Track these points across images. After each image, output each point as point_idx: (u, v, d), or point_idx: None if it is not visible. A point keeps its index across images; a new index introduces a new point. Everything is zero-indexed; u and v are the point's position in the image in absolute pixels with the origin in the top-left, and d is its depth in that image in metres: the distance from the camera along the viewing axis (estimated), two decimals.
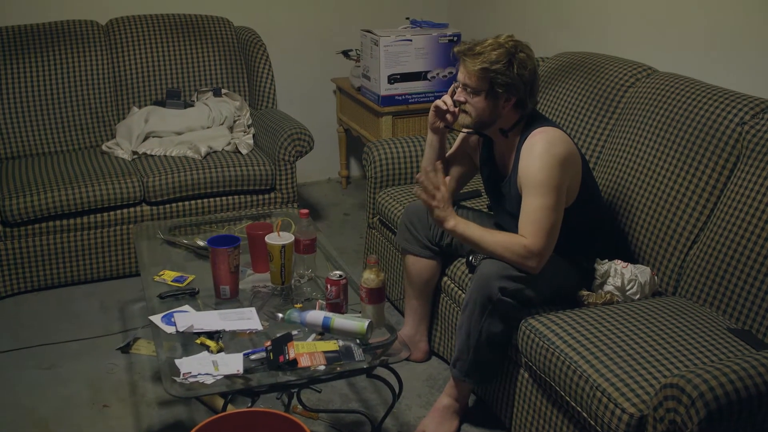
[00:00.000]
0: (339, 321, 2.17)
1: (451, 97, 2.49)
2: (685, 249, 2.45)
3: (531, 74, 2.34)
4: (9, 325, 3.10)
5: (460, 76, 2.39)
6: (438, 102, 2.53)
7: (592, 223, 2.50)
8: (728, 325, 2.22)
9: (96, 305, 3.26)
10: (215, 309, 2.34)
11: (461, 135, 2.67)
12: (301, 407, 2.51)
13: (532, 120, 2.40)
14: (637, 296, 2.42)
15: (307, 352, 2.09)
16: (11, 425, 2.51)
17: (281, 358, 2.05)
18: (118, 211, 3.39)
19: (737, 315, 2.25)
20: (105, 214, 3.37)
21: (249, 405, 2.15)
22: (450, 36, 3.82)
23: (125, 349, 2.91)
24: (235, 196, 3.58)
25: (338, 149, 4.62)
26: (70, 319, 3.16)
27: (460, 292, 2.63)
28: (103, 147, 3.70)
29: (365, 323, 2.15)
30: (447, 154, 2.70)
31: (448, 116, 2.53)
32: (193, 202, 3.51)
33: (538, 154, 2.28)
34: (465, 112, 2.41)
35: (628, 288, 2.41)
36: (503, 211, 2.53)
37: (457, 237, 2.42)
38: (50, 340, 2.99)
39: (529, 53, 2.35)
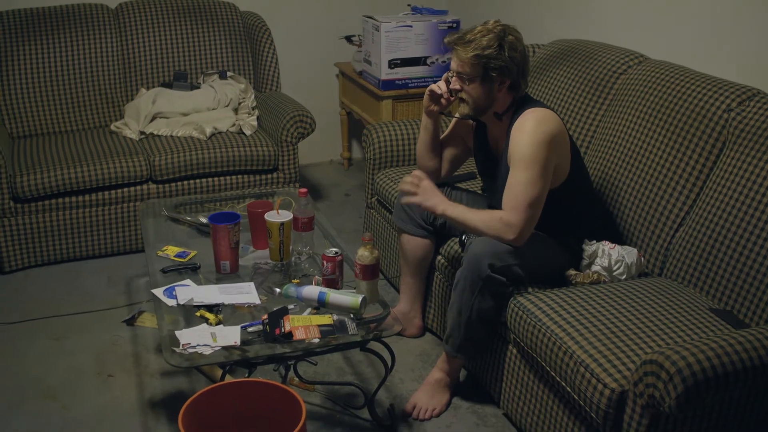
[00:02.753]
0: (334, 296, 2.24)
1: (446, 83, 2.56)
2: (671, 231, 2.51)
3: (522, 56, 2.40)
4: (19, 298, 3.19)
5: (454, 65, 2.45)
6: (433, 86, 2.60)
7: (581, 204, 2.56)
8: (710, 306, 2.28)
9: (103, 279, 3.35)
10: (216, 284, 2.43)
11: (455, 118, 2.73)
12: (297, 379, 2.59)
13: (524, 102, 2.46)
14: (624, 276, 2.48)
15: (302, 326, 2.16)
16: (20, 394, 2.60)
17: (277, 331, 2.13)
18: (126, 189, 3.47)
19: (719, 296, 2.31)
20: (113, 191, 3.45)
21: (246, 375, 2.25)
22: (449, 23, 3.88)
23: (130, 321, 3.00)
24: (239, 176, 3.66)
25: (340, 131, 4.69)
26: (78, 292, 3.24)
27: (453, 270, 2.71)
28: (112, 127, 3.79)
29: (359, 298, 2.22)
30: (441, 137, 2.77)
31: (443, 101, 2.60)
32: (198, 180, 3.59)
33: (528, 131, 2.34)
34: (463, 100, 2.48)
35: (614, 268, 2.48)
36: (496, 192, 2.59)
37: (448, 220, 2.51)
38: (58, 312, 3.08)
39: (518, 36, 2.41)
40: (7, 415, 2.50)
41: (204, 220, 2.77)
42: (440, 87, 2.58)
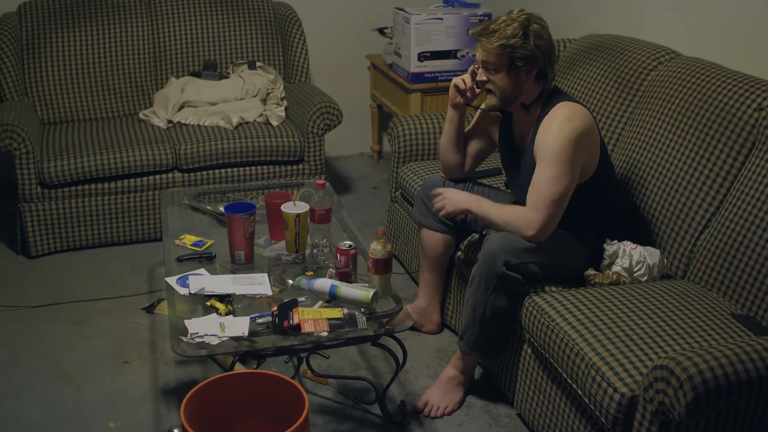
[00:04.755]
0: (345, 290, 2.23)
1: (471, 77, 2.53)
2: (696, 233, 2.44)
3: (547, 44, 2.36)
4: (44, 282, 3.25)
5: (479, 56, 2.42)
6: (456, 80, 2.57)
7: (605, 202, 2.50)
8: (732, 311, 2.22)
9: (126, 266, 3.38)
10: (230, 274, 2.42)
11: (480, 111, 2.69)
12: (310, 372, 2.58)
13: (554, 95, 2.42)
14: (645, 278, 2.42)
15: (312, 319, 2.15)
16: (38, 375, 2.64)
17: (285, 323, 2.12)
18: (152, 177, 3.50)
19: (743, 301, 2.24)
20: (139, 179, 3.49)
21: (255, 366, 2.25)
22: (480, 15, 3.83)
23: (150, 309, 3.03)
24: (264, 167, 3.66)
25: (371, 124, 4.67)
26: (101, 278, 3.28)
27: (473, 266, 2.67)
28: (141, 115, 3.82)
29: (370, 293, 2.20)
30: (466, 130, 2.74)
31: (468, 94, 2.57)
32: (223, 170, 3.60)
33: (557, 126, 2.30)
34: (489, 91, 2.45)
35: (635, 269, 2.42)
36: (519, 186, 2.55)
37: (476, 217, 2.51)
38: (81, 297, 3.12)
39: (543, 24, 2.36)
40: (23, 396, 2.54)
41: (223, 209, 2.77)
42: (465, 81, 2.54)
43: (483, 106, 2.51)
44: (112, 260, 3.43)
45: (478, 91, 2.54)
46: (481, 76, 2.44)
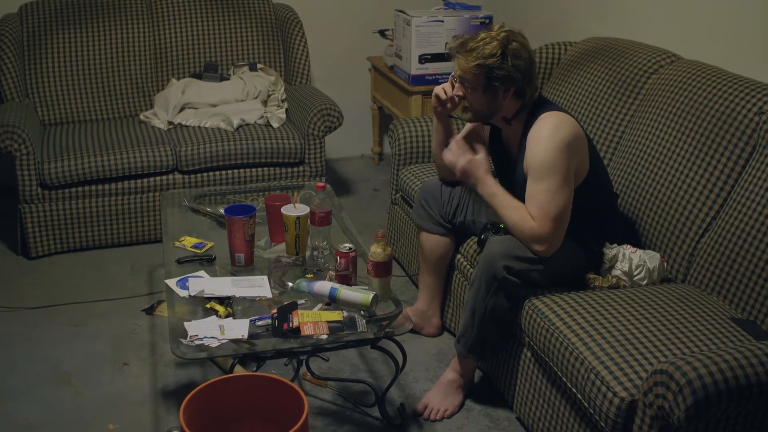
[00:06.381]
0: (345, 292, 2.23)
1: (452, 86, 2.51)
2: (696, 237, 2.44)
3: (526, 63, 2.34)
4: (44, 284, 3.24)
5: (456, 71, 2.41)
6: (437, 90, 2.53)
7: (600, 205, 2.50)
8: (732, 315, 2.22)
9: (127, 268, 3.38)
10: (230, 276, 2.42)
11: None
12: (309, 374, 2.58)
13: (538, 106, 2.41)
14: (645, 282, 2.42)
15: (311, 321, 2.15)
16: (36, 377, 2.64)
17: (285, 326, 2.12)
18: (152, 179, 3.50)
19: (743, 305, 2.24)
20: (139, 180, 3.49)
21: (254, 369, 2.24)
22: (482, 18, 3.83)
23: (149, 310, 3.03)
24: (265, 168, 3.66)
25: (372, 126, 4.67)
26: (101, 280, 3.28)
27: (472, 269, 2.67)
28: (141, 116, 3.83)
29: (370, 295, 2.20)
30: (459, 137, 2.72)
31: (449, 104, 2.55)
32: (223, 172, 3.60)
33: (545, 138, 2.29)
34: (466, 107, 2.45)
35: (635, 273, 2.42)
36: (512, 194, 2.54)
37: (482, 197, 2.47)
38: (80, 299, 3.12)
39: (523, 41, 2.34)
40: (21, 398, 2.54)
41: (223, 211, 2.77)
42: (446, 91, 2.52)
43: (463, 117, 2.51)
44: (112, 262, 3.43)
45: (457, 102, 2.52)
46: (458, 91, 2.43)
